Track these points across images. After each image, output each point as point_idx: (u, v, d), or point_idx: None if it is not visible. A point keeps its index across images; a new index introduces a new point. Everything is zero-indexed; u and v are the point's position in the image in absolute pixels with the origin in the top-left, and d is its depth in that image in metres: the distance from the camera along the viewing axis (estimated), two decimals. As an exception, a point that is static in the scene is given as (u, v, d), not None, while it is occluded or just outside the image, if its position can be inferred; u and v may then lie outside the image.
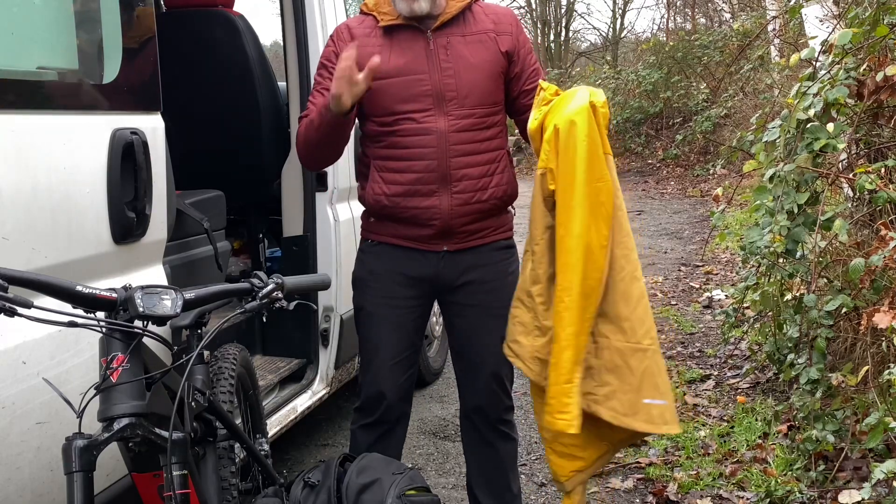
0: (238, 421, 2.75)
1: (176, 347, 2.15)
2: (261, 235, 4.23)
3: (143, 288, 1.82)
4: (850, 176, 3.58)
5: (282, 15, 3.79)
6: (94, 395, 1.78)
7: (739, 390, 4.65)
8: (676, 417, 2.56)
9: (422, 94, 2.61)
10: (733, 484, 3.58)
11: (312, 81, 3.61)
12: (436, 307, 2.98)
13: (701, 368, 5.10)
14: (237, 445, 2.52)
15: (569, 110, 2.39)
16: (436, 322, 4.92)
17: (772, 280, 4.14)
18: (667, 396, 2.52)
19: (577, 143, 2.36)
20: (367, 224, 2.82)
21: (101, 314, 1.80)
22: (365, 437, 2.85)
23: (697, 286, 7.20)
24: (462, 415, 2.99)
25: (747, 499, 3.44)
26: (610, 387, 2.48)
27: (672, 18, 20.98)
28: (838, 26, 4.12)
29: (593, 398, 2.48)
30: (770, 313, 4.34)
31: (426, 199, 2.64)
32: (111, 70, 2.37)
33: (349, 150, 3.81)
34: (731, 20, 17.11)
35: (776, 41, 10.66)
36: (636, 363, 2.47)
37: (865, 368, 3.29)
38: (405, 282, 2.75)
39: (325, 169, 3.67)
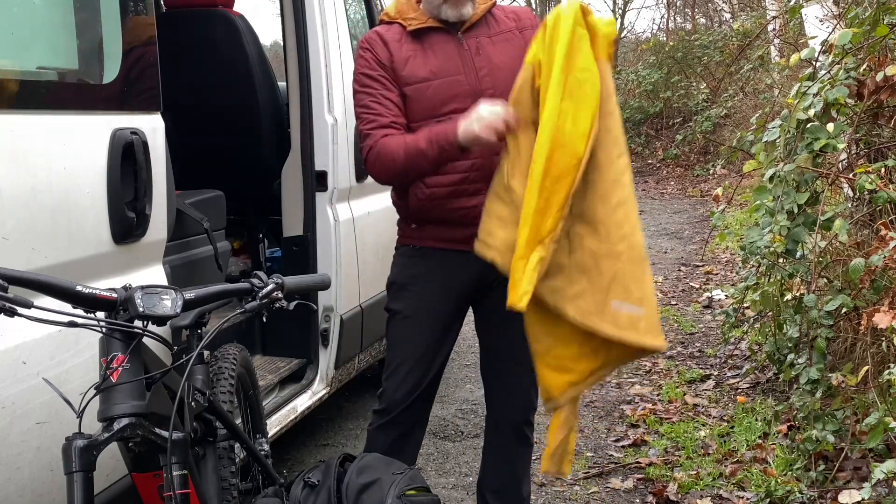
0: (238, 421, 2.75)
1: (176, 347, 2.16)
2: (261, 235, 4.23)
3: (143, 288, 1.82)
4: (850, 176, 3.59)
5: (282, 15, 3.79)
6: (94, 395, 1.78)
7: (739, 390, 4.65)
8: (658, 331, 2.48)
9: (461, 94, 2.61)
10: (733, 484, 3.58)
11: (313, 81, 3.64)
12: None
13: (701, 368, 5.10)
14: (237, 445, 2.52)
15: (559, 9, 2.42)
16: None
17: (772, 280, 4.14)
18: (644, 304, 2.44)
19: (560, 33, 2.37)
20: (408, 230, 2.80)
21: (101, 314, 1.80)
22: (383, 437, 2.81)
23: (697, 286, 7.20)
24: (489, 417, 2.97)
25: (747, 499, 3.44)
26: (580, 286, 2.45)
27: (672, 18, 21.00)
28: (838, 26, 4.12)
29: (562, 295, 2.46)
30: (770, 313, 4.34)
31: (472, 199, 2.63)
32: (111, 70, 2.37)
33: (350, 150, 3.82)
34: (731, 20, 17.12)
35: (776, 41, 10.67)
36: (607, 266, 2.43)
37: (865, 368, 3.30)
38: (449, 286, 2.75)
39: (325, 169, 3.68)
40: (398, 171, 2.60)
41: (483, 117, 2.43)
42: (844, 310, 3.44)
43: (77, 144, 2.23)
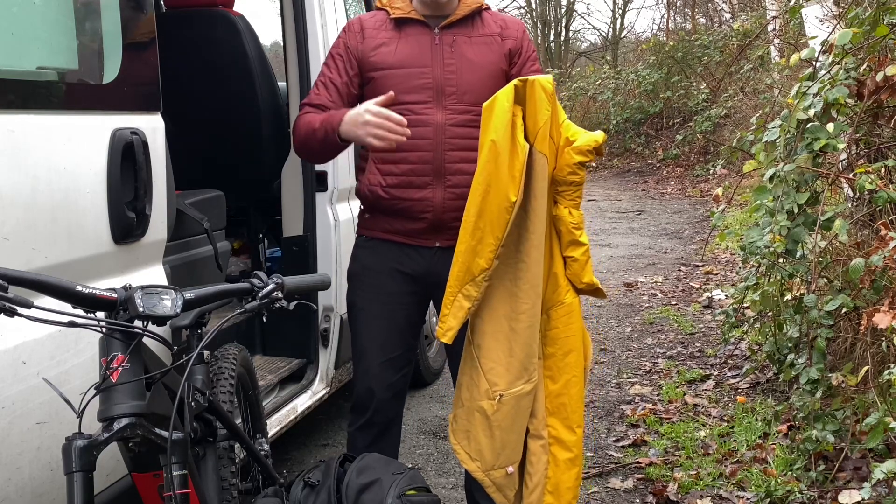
0: (238, 421, 2.75)
1: (176, 347, 2.15)
2: (261, 235, 4.23)
3: (143, 288, 1.82)
4: (850, 176, 3.58)
5: (282, 15, 3.80)
6: (94, 395, 1.78)
7: (739, 390, 4.65)
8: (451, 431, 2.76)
9: (422, 86, 2.66)
10: (733, 484, 3.58)
11: (313, 81, 3.64)
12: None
13: (701, 368, 5.10)
14: (237, 445, 2.52)
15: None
16: (436, 322, 4.90)
17: (772, 280, 4.14)
18: (456, 407, 2.72)
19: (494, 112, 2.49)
20: (362, 220, 2.86)
21: (101, 314, 1.80)
22: (361, 439, 2.84)
23: (697, 286, 7.20)
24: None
25: (747, 499, 3.44)
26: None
27: (672, 18, 21.00)
28: (838, 26, 4.11)
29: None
30: (770, 313, 4.34)
31: (419, 191, 2.68)
32: (111, 70, 2.37)
33: (349, 150, 3.82)
34: (731, 20, 17.11)
35: (776, 41, 10.66)
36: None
37: (865, 368, 3.29)
38: (399, 277, 2.77)
39: (325, 169, 3.68)
40: (298, 144, 2.78)
41: (368, 122, 2.51)
42: (844, 310, 3.43)
43: (77, 144, 2.23)
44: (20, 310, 1.65)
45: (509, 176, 2.45)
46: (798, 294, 3.79)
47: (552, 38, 22.25)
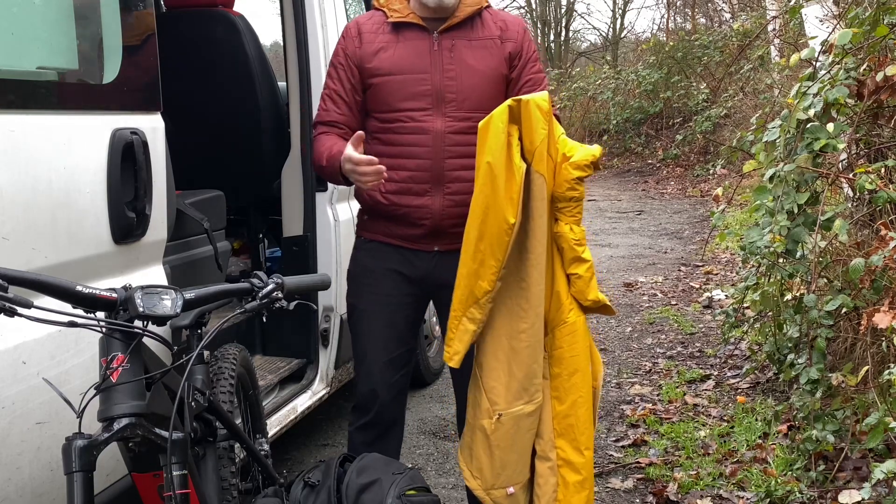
0: (238, 421, 2.75)
1: (176, 347, 2.15)
2: (261, 235, 4.23)
3: (143, 288, 1.82)
4: (850, 176, 3.58)
5: (282, 15, 3.80)
6: (94, 395, 1.78)
7: (739, 390, 4.65)
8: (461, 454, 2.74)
9: (422, 93, 2.64)
10: (733, 484, 3.58)
11: (313, 81, 3.65)
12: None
13: (701, 368, 5.10)
14: (237, 445, 2.52)
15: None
16: (436, 322, 4.91)
17: (772, 280, 4.14)
18: (465, 425, 2.72)
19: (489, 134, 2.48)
20: (362, 222, 2.86)
21: (101, 314, 1.80)
22: (362, 438, 2.85)
23: (697, 286, 7.20)
24: (458, 416, 2.98)
25: (747, 499, 3.44)
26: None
27: (672, 18, 21.00)
28: (838, 26, 4.11)
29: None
30: (770, 313, 4.34)
31: (418, 199, 2.67)
32: (111, 70, 2.37)
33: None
34: (731, 20, 17.11)
35: (776, 41, 10.66)
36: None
37: (865, 368, 3.29)
38: (398, 279, 2.77)
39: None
40: (316, 166, 2.79)
41: (348, 172, 2.55)
42: (844, 310, 3.43)
43: (77, 144, 2.23)
44: (20, 310, 1.65)
45: (507, 198, 2.44)
46: (798, 294, 3.79)
47: (552, 38, 22.25)
